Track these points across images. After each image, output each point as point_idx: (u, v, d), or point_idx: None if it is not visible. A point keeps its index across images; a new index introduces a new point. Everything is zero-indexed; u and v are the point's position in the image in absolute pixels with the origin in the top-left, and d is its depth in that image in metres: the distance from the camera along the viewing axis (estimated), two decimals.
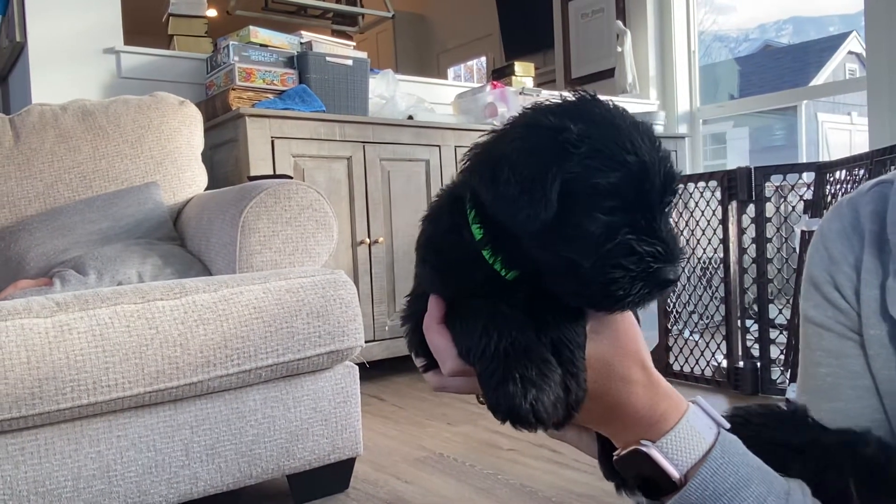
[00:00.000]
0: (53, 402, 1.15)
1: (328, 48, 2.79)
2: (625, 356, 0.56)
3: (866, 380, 0.72)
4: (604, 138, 0.51)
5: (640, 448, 0.56)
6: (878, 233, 0.70)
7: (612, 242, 0.51)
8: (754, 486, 0.55)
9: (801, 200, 2.30)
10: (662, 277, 0.51)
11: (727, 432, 0.57)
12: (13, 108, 2.91)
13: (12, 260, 1.71)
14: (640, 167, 0.51)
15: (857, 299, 0.72)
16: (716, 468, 0.55)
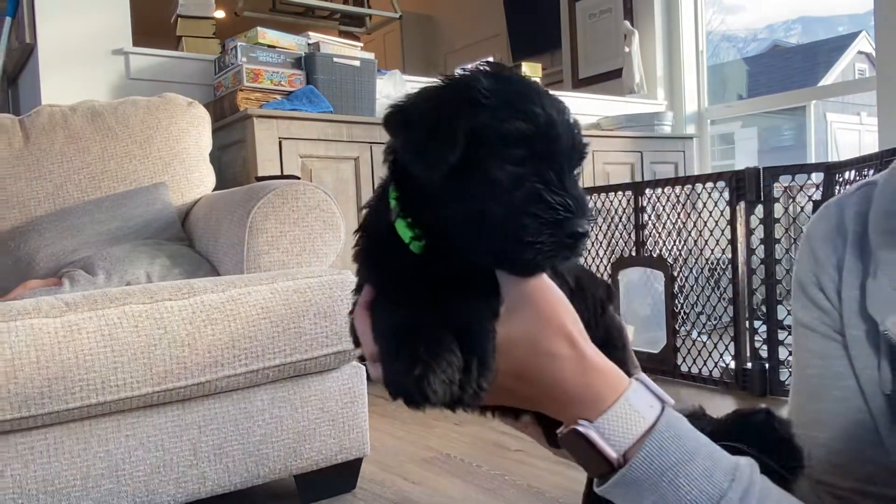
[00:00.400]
0: (62, 402, 1.16)
1: (335, 49, 2.79)
2: (548, 330, 0.55)
3: (850, 380, 0.72)
4: (513, 93, 0.53)
5: (576, 428, 0.54)
6: (860, 233, 0.71)
7: (521, 190, 0.51)
8: (699, 461, 0.54)
9: (809, 201, 2.29)
10: (571, 229, 0.51)
11: (672, 409, 0.57)
12: (23, 109, 2.93)
13: (22, 260, 1.72)
14: (547, 120, 0.52)
15: (840, 299, 0.73)
16: (660, 443, 0.54)
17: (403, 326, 0.52)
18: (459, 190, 0.53)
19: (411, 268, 0.56)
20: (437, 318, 0.52)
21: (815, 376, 0.76)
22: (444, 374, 0.50)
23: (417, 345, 0.50)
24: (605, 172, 3.50)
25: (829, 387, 0.74)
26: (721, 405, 2.26)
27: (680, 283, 2.63)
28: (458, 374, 0.51)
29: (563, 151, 0.53)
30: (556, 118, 0.53)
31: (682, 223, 2.67)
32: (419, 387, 0.49)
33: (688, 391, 2.42)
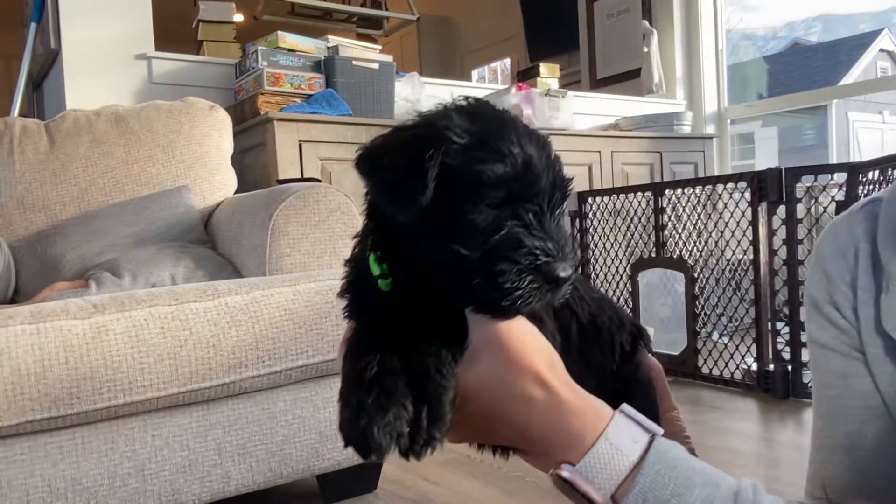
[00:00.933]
0: (90, 402, 1.18)
1: (354, 52, 2.81)
2: (518, 373, 0.53)
3: (876, 399, 0.71)
4: (489, 132, 0.52)
5: (560, 473, 0.53)
6: (870, 251, 0.70)
7: (499, 234, 0.50)
8: (697, 491, 0.51)
9: (832, 201, 2.27)
10: (553, 274, 0.50)
11: (662, 439, 0.54)
12: (48, 113, 2.98)
13: (49, 263, 1.75)
14: (525, 160, 0.51)
15: (857, 317, 0.71)
16: (652, 478, 0.51)
17: (359, 372, 0.52)
18: (434, 231, 0.52)
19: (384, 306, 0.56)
20: (395, 364, 0.52)
21: (838, 397, 0.74)
22: (390, 427, 0.49)
23: (366, 395, 0.50)
24: (624, 173, 3.49)
25: (855, 407, 0.72)
26: (743, 407, 2.24)
27: (700, 285, 2.61)
28: (406, 425, 0.50)
29: (543, 191, 0.52)
30: (534, 157, 0.52)
31: (703, 224, 2.65)
32: (363, 438, 0.49)
33: (709, 393, 2.40)
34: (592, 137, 3.44)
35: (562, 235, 0.52)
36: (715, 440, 1.92)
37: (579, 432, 0.53)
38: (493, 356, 0.54)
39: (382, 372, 0.51)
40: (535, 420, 0.54)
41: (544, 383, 0.54)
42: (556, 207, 0.53)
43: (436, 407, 0.51)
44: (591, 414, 0.54)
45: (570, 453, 0.53)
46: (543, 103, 3.31)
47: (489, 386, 0.54)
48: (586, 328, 0.66)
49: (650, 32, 4.10)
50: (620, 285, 2.90)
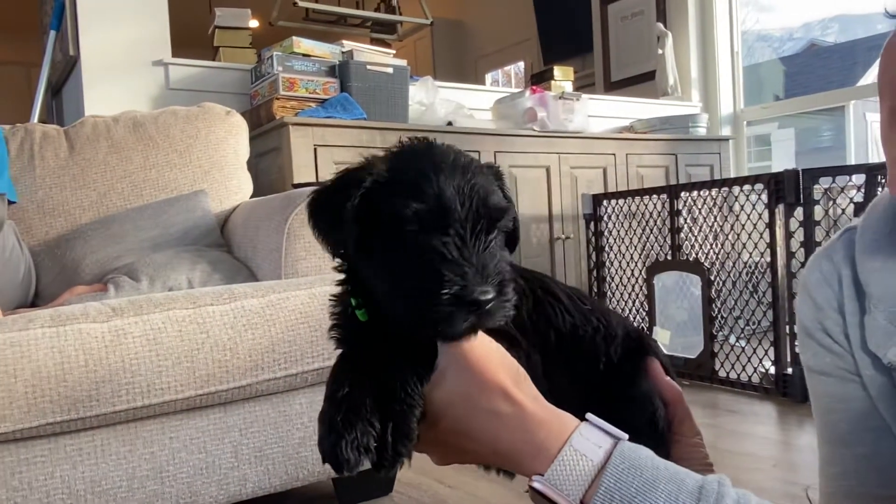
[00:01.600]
0: (109, 405, 1.19)
1: (369, 57, 2.82)
2: (484, 388, 0.56)
3: (880, 420, 0.71)
4: (405, 170, 0.56)
5: (532, 484, 0.55)
6: (852, 276, 0.73)
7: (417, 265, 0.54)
8: (662, 486, 0.52)
9: (850, 203, 2.25)
10: (469, 298, 0.52)
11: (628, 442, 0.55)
12: (67, 119, 3.02)
13: (68, 267, 1.77)
14: (437, 193, 0.54)
15: (848, 341, 0.73)
16: (616, 477, 0.52)
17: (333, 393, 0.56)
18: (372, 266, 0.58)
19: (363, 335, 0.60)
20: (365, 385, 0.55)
21: (842, 421, 0.74)
22: (357, 442, 0.53)
23: (336, 413, 0.54)
24: (639, 176, 3.47)
25: (860, 429, 0.73)
26: (761, 411, 2.22)
27: (717, 288, 2.59)
28: (373, 441, 0.53)
29: (459, 220, 0.54)
30: (444, 190, 0.54)
31: (719, 226, 2.63)
32: (333, 453, 0.53)
33: (726, 397, 2.38)
34: (607, 140, 3.43)
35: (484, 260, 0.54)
36: (732, 444, 1.90)
37: (544, 442, 0.55)
38: (458, 374, 0.56)
39: (352, 392, 0.55)
40: (504, 434, 0.56)
41: (509, 397, 0.56)
42: (481, 234, 0.55)
43: (401, 424, 0.55)
44: (556, 424, 0.56)
45: (537, 464, 0.55)
46: (558, 106, 3.30)
47: (456, 403, 0.56)
48: (565, 337, 0.67)
49: (665, 34, 4.08)
50: (636, 288, 2.88)
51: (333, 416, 0.54)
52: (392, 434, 0.54)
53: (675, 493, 0.52)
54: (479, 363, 0.56)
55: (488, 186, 0.57)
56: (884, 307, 0.69)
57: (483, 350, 0.57)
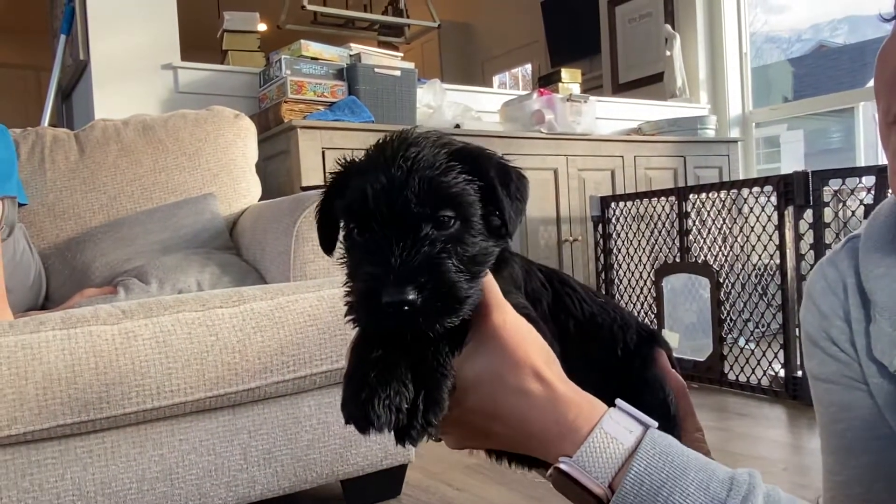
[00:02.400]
0: (119, 407, 1.20)
1: (376, 59, 2.83)
2: (515, 367, 0.54)
3: (886, 428, 0.71)
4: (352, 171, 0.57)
5: (558, 466, 0.53)
6: (857, 284, 0.73)
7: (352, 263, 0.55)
8: (692, 474, 0.51)
9: (860, 205, 2.23)
10: (375, 300, 0.50)
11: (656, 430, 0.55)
12: (77, 123, 3.04)
13: (78, 269, 1.78)
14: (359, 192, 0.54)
15: (854, 349, 0.73)
16: (647, 462, 0.51)
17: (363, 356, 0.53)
18: None
19: None
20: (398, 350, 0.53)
21: (847, 430, 0.74)
22: (389, 401, 0.51)
23: (370, 370, 0.52)
24: (647, 178, 3.46)
25: (867, 438, 0.72)
26: (770, 414, 2.21)
27: (726, 290, 2.58)
28: (405, 402, 0.51)
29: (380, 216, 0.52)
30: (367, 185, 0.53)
31: (728, 229, 2.62)
32: (364, 410, 0.50)
33: (736, 400, 2.37)
34: (615, 142, 3.43)
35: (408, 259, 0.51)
36: (742, 447, 1.90)
37: (574, 423, 0.54)
38: (490, 351, 0.55)
39: (386, 354, 0.53)
40: (533, 414, 0.54)
41: (541, 377, 0.55)
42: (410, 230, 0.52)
43: (433, 392, 0.52)
44: (587, 406, 0.55)
45: (566, 445, 0.53)
46: (565, 108, 3.30)
47: (486, 381, 0.54)
48: (584, 325, 0.67)
49: (672, 36, 4.08)
50: (644, 291, 2.87)
51: (366, 373, 0.52)
52: (424, 401, 0.52)
53: (706, 482, 0.51)
54: (512, 341, 0.55)
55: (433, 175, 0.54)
56: (888, 314, 0.68)
57: (517, 328, 0.56)
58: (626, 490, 0.51)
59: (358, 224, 0.55)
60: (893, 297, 0.68)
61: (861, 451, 0.73)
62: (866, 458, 0.72)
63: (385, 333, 0.53)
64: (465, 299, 0.52)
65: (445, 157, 0.55)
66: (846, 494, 0.74)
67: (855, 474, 0.73)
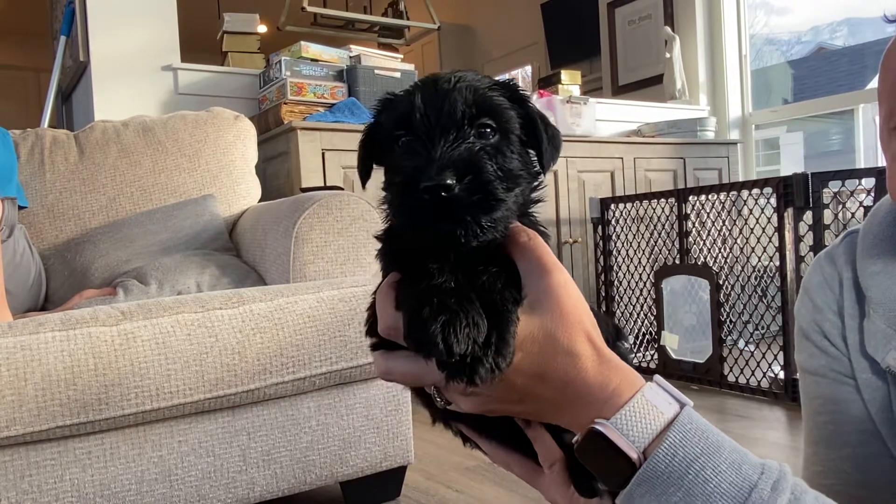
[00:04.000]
0: (118, 408, 1.20)
1: (376, 61, 2.83)
2: (569, 327, 0.54)
3: (869, 424, 0.71)
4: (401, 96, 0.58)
5: (593, 427, 0.52)
6: (853, 279, 0.73)
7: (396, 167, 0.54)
8: (726, 453, 0.51)
9: (860, 207, 2.24)
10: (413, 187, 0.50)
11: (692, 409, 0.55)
12: (77, 124, 3.04)
13: (78, 270, 1.78)
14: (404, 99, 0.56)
15: (846, 344, 0.73)
16: (683, 434, 0.51)
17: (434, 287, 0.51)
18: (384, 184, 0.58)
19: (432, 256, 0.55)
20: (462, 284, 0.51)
21: (829, 423, 0.74)
22: (469, 329, 0.48)
23: (447, 297, 0.49)
24: (647, 180, 3.46)
25: (848, 431, 0.73)
26: (770, 416, 2.21)
27: (726, 292, 2.58)
28: (481, 337, 0.49)
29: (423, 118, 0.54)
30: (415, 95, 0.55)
31: (728, 230, 2.62)
32: (444, 333, 0.47)
33: (735, 402, 2.37)
34: (614, 144, 3.43)
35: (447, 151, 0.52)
36: None
37: (617, 388, 0.53)
38: (547, 310, 0.54)
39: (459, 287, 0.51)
40: (579, 375, 0.54)
41: (592, 340, 0.55)
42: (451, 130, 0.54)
43: (504, 335, 0.51)
44: (629, 373, 0.55)
45: (605, 409, 0.53)
46: (565, 110, 3.30)
47: (539, 339, 0.53)
48: None
49: (672, 38, 4.08)
50: (644, 292, 2.87)
51: (444, 298, 0.49)
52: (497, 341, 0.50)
53: (739, 463, 0.51)
54: (569, 302, 0.54)
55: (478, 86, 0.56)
56: (883, 311, 0.69)
57: (571, 290, 0.55)
58: (658, 458, 0.51)
59: (405, 128, 0.55)
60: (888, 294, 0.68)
61: (841, 444, 0.74)
62: (846, 450, 0.73)
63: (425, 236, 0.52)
64: (501, 201, 0.52)
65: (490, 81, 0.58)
66: (821, 484, 0.75)
67: (832, 465, 0.74)
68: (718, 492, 0.50)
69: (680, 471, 0.51)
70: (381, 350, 0.58)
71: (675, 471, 0.51)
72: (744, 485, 0.50)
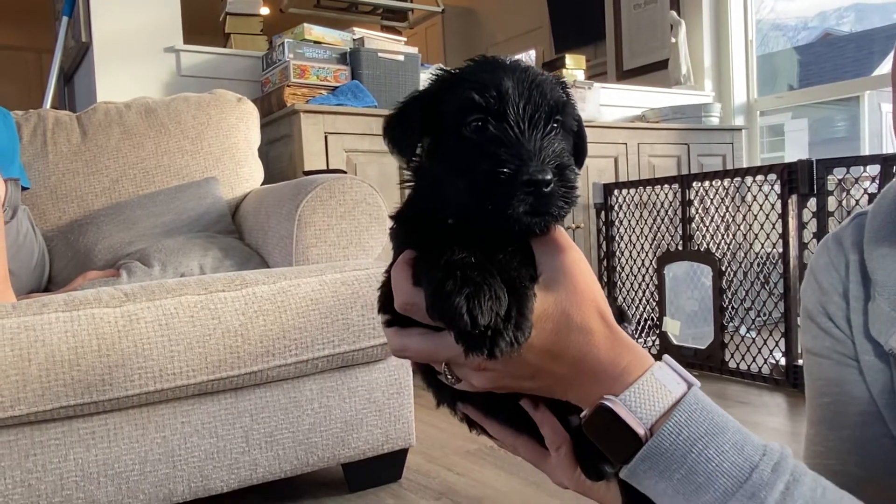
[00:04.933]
0: (122, 389, 1.20)
1: (380, 44, 2.81)
2: (582, 304, 0.55)
3: (871, 405, 0.72)
4: (476, 72, 0.58)
5: (602, 402, 0.53)
6: (859, 261, 0.74)
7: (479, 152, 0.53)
8: (730, 434, 0.53)
9: (864, 194, 2.23)
10: (523, 177, 0.51)
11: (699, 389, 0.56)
12: (79, 106, 3.03)
13: (81, 252, 1.78)
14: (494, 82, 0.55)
15: (850, 326, 0.74)
16: (689, 413, 0.53)
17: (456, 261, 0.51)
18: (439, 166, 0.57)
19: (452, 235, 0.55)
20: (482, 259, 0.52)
21: (832, 403, 0.75)
22: (492, 302, 0.49)
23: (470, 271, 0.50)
24: (650, 165, 3.45)
25: (849, 413, 0.73)
26: (771, 402, 2.21)
27: (728, 278, 2.58)
28: (503, 310, 0.50)
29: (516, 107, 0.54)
30: (504, 82, 0.55)
31: (731, 217, 2.62)
32: (468, 304, 0.48)
33: (736, 388, 2.38)
34: (619, 129, 3.41)
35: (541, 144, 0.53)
36: None
37: (628, 366, 0.55)
38: (561, 288, 0.55)
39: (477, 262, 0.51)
40: (591, 352, 0.55)
41: (605, 317, 0.56)
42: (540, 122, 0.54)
43: (524, 309, 0.51)
44: (640, 353, 0.56)
45: (616, 385, 0.54)
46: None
47: (553, 316, 0.54)
48: None
49: (678, 23, 4.05)
50: (646, 278, 2.87)
51: (468, 272, 0.49)
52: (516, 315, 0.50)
53: (741, 444, 0.53)
54: (583, 280, 0.56)
55: (549, 81, 0.57)
56: (888, 294, 0.69)
57: (585, 269, 0.57)
58: (663, 435, 0.52)
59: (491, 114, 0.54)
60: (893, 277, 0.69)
61: (841, 425, 0.74)
62: (846, 432, 0.74)
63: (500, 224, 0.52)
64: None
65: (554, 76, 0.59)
66: (820, 463, 0.76)
67: (832, 446, 0.75)
68: (720, 471, 0.51)
69: (683, 449, 0.52)
70: (395, 327, 0.59)
71: (679, 449, 0.52)
72: (745, 465, 0.52)
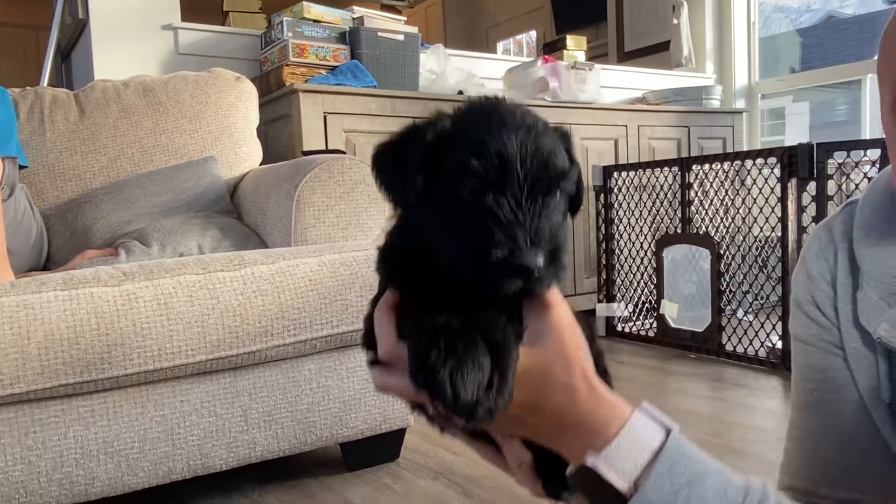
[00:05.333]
0: (121, 367, 1.21)
1: (380, 23, 2.79)
2: (567, 365, 0.55)
3: (852, 393, 0.73)
4: (472, 127, 0.54)
5: (585, 462, 0.54)
6: (848, 250, 0.75)
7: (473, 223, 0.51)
8: (711, 479, 0.54)
9: (864, 178, 2.22)
10: (517, 263, 0.50)
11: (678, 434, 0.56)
12: (76, 84, 3.01)
13: (79, 231, 1.78)
14: (497, 150, 0.52)
15: (836, 314, 0.75)
16: (671, 463, 0.53)
17: (440, 323, 0.51)
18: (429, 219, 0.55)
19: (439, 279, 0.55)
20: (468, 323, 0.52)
21: (815, 390, 0.77)
22: (475, 374, 0.49)
23: (455, 340, 0.50)
24: (650, 148, 3.44)
25: (832, 399, 0.75)
26: (767, 385, 2.23)
27: (726, 262, 2.58)
28: (485, 379, 0.50)
29: (517, 179, 0.52)
30: (507, 147, 0.52)
31: (731, 200, 2.62)
32: (451, 378, 0.48)
33: (733, 370, 2.39)
34: (619, 111, 3.40)
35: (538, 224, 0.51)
36: (738, 417, 1.92)
37: (606, 419, 0.55)
38: (548, 345, 0.55)
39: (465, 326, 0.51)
40: (573, 407, 0.55)
41: (586, 376, 0.56)
42: (539, 196, 0.52)
43: (506, 373, 0.51)
44: (617, 404, 0.56)
45: (597, 440, 0.55)
46: (570, 76, 3.27)
47: (536, 373, 0.54)
48: None
49: (680, 4, 4.01)
50: (645, 261, 2.88)
51: (452, 340, 0.50)
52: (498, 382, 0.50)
53: (724, 487, 0.54)
54: (569, 340, 0.56)
55: (553, 147, 0.55)
56: (875, 283, 0.70)
57: (571, 326, 0.56)
58: (647, 488, 0.53)
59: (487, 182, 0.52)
60: (881, 266, 0.69)
61: (822, 411, 0.76)
62: (826, 419, 0.75)
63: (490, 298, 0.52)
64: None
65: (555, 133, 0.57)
66: (799, 447, 0.78)
67: (812, 430, 0.77)
68: None
69: (668, 499, 0.53)
70: (379, 367, 0.59)
71: (664, 499, 0.53)
72: None
